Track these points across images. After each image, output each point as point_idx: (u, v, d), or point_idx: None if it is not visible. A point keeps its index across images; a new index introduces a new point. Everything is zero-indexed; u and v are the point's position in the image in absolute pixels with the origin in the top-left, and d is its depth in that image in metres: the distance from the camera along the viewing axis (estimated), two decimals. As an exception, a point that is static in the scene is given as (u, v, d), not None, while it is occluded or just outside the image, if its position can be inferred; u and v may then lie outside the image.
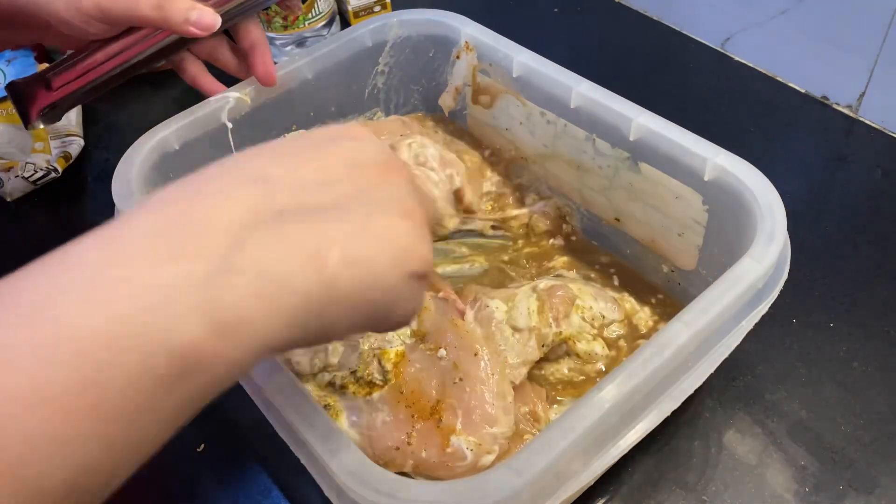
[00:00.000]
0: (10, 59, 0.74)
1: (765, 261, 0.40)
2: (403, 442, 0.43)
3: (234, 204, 0.27)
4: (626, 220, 0.55)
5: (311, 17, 0.80)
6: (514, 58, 0.56)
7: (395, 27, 0.62)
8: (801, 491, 0.46)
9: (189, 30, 0.50)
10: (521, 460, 0.33)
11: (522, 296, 0.50)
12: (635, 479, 0.47)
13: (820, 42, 0.70)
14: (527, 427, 0.47)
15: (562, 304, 0.50)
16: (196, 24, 0.50)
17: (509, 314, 0.49)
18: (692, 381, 0.40)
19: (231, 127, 0.56)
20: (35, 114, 0.53)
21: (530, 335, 0.49)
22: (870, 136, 0.69)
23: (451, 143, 0.63)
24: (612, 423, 0.37)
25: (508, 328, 0.49)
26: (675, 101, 0.73)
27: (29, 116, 0.53)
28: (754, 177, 0.45)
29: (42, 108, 0.52)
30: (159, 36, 0.52)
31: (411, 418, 0.44)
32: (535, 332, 0.49)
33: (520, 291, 0.51)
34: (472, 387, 0.45)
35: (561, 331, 0.49)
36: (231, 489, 0.48)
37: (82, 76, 0.52)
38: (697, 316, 0.38)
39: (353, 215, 0.29)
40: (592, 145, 0.53)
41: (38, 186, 0.71)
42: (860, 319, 0.54)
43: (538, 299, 0.50)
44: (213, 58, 0.57)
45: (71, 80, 0.52)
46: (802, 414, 0.49)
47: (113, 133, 0.77)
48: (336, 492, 0.36)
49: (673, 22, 0.83)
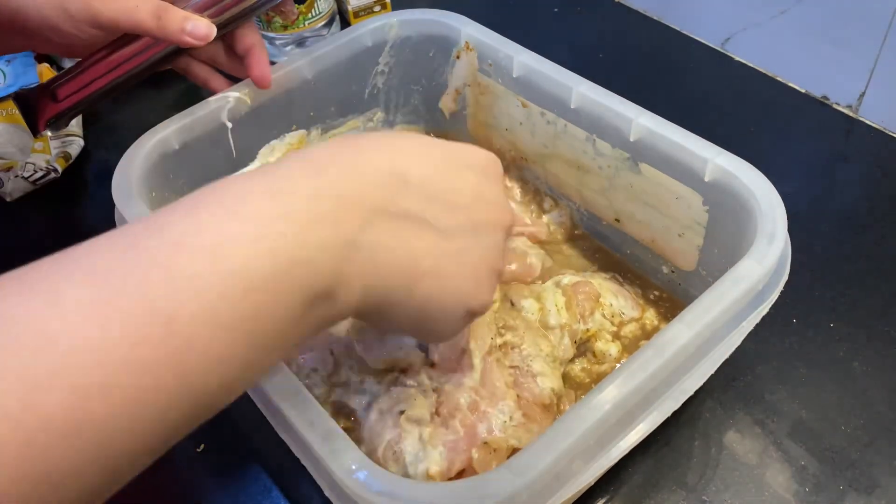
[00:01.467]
0: (9, 60, 0.74)
1: (765, 261, 0.40)
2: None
3: (376, 190, 0.31)
4: (626, 221, 0.55)
5: (311, 17, 0.80)
6: (515, 58, 0.56)
7: (395, 27, 0.61)
8: (801, 491, 0.46)
9: (185, 39, 0.50)
10: (521, 461, 0.33)
11: (548, 292, 0.50)
12: (635, 479, 0.47)
13: (820, 42, 0.70)
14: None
15: (587, 300, 0.50)
16: (192, 34, 0.50)
17: (541, 313, 0.49)
18: (693, 382, 0.40)
19: (231, 127, 0.56)
20: (42, 124, 0.54)
21: (563, 333, 0.49)
22: (870, 136, 0.69)
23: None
24: (613, 424, 0.37)
25: (542, 327, 0.48)
26: (675, 102, 0.73)
27: (37, 126, 0.54)
28: (754, 177, 0.45)
29: (48, 119, 0.54)
30: (161, 45, 0.53)
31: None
32: (566, 330, 0.49)
33: (544, 288, 0.51)
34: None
35: (588, 328, 0.49)
36: (231, 489, 0.48)
37: (87, 86, 0.53)
38: (698, 317, 0.38)
39: (456, 241, 0.34)
40: (593, 146, 0.53)
41: (38, 186, 0.71)
42: (860, 319, 0.54)
43: (564, 294, 0.50)
44: (214, 62, 0.57)
45: (76, 90, 0.53)
46: (802, 414, 0.49)
47: (113, 133, 0.77)
48: (336, 492, 0.36)
49: (673, 22, 0.83)
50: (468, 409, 0.44)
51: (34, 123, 0.54)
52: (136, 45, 0.52)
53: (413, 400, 0.44)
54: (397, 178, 0.32)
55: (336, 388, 0.49)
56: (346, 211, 0.30)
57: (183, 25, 0.50)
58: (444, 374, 0.46)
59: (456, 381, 0.45)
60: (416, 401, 0.44)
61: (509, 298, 0.51)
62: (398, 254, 0.32)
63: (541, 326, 0.49)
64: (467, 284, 0.35)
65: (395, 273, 0.32)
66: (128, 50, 0.52)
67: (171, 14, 0.50)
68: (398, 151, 0.34)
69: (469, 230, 0.34)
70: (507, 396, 0.44)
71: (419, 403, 0.44)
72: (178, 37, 0.50)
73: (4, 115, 0.72)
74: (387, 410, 0.44)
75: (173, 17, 0.50)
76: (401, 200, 0.32)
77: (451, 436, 0.43)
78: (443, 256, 0.33)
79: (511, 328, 0.47)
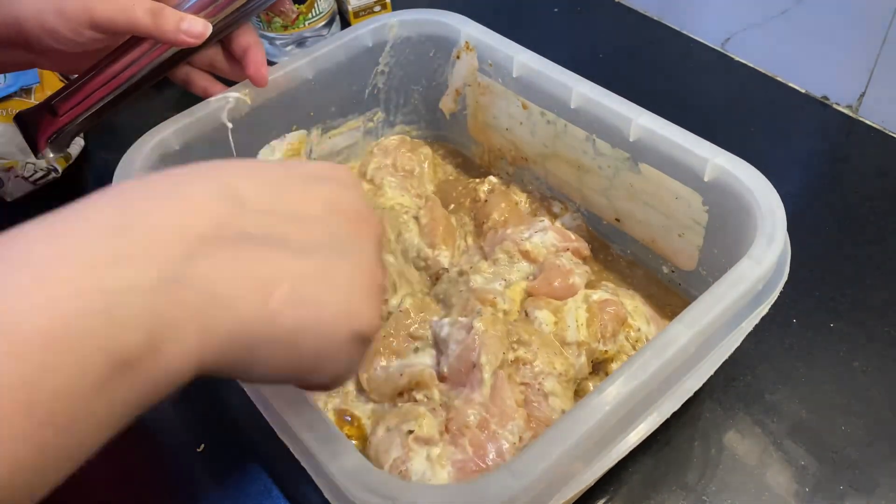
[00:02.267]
0: (9, 60, 0.74)
1: (765, 261, 0.40)
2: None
3: (199, 215, 0.26)
4: (626, 221, 0.55)
5: (311, 17, 0.80)
6: (515, 58, 0.56)
7: (396, 27, 0.62)
8: (801, 491, 0.46)
9: (181, 38, 0.50)
10: (521, 463, 0.33)
11: (571, 305, 0.49)
12: (635, 479, 0.47)
13: (820, 42, 0.70)
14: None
15: (611, 321, 0.48)
16: (187, 33, 0.50)
17: (557, 326, 0.48)
18: (693, 382, 0.40)
19: (231, 127, 0.56)
20: (43, 142, 0.53)
21: (580, 351, 0.47)
22: (870, 136, 0.69)
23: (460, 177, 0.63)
24: (613, 425, 0.37)
25: (556, 342, 0.47)
26: (674, 102, 0.73)
27: (37, 145, 0.53)
28: (754, 177, 0.45)
29: (49, 136, 0.53)
30: (157, 52, 0.52)
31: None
32: (584, 348, 0.47)
33: (569, 301, 0.49)
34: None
35: (608, 349, 0.47)
36: (231, 489, 0.48)
37: (86, 99, 0.53)
38: (698, 317, 0.38)
39: (315, 257, 0.29)
40: (592, 145, 0.53)
41: (38, 186, 0.71)
42: (860, 319, 0.54)
43: (588, 311, 0.48)
44: (213, 67, 0.57)
45: (75, 104, 0.53)
46: (802, 414, 0.49)
47: (113, 133, 0.77)
48: (335, 494, 0.36)
49: (673, 22, 0.83)
50: (478, 428, 0.43)
51: (34, 142, 0.53)
52: (134, 54, 0.52)
53: (422, 419, 0.43)
54: (230, 200, 0.28)
55: (334, 398, 0.49)
56: (160, 244, 0.25)
57: (178, 24, 0.50)
58: (453, 387, 0.46)
59: (465, 396, 0.44)
60: (424, 420, 0.43)
61: (525, 309, 0.50)
62: (243, 283, 0.27)
63: (556, 341, 0.47)
64: (342, 305, 0.30)
65: (244, 306, 0.26)
66: (125, 60, 0.52)
67: (167, 12, 0.50)
68: (228, 173, 0.29)
69: (330, 245, 0.30)
70: (517, 415, 0.44)
71: (428, 423, 0.43)
72: (174, 35, 0.50)
73: (4, 114, 0.72)
74: (394, 428, 0.44)
75: (169, 15, 0.50)
76: (237, 222, 0.27)
77: (460, 455, 0.42)
78: (303, 278, 0.28)
79: (525, 343, 0.46)
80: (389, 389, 0.47)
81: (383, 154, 0.65)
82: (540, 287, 0.50)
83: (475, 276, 0.52)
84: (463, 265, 0.55)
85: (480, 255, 0.56)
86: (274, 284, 0.27)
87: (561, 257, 0.53)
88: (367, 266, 0.31)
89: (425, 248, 0.56)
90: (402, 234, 0.57)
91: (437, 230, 0.57)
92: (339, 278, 0.30)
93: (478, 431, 0.43)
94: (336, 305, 0.29)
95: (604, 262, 0.58)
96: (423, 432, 0.42)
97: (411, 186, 0.62)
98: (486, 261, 0.55)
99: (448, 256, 0.56)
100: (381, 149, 0.66)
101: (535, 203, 0.61)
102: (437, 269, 0.56)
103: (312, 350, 0.29)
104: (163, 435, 0.52)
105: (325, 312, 0.29)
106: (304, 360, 0.29)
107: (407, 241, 0.57)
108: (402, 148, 0.65)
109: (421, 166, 0.65)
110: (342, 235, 0.31)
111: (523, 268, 0.53)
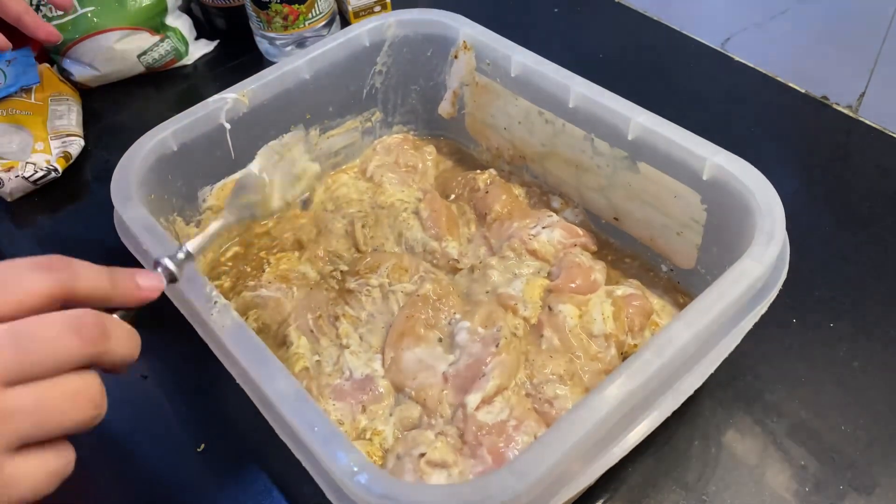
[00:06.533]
0: (10, 60, 0.74)
1: (764, 260, 0.40)
2: None
3: None
4: (624, 220, 0.55)
5: (311, 17, 0.80)
6: (513, 57, 0.56)
7: (393, 27, 0.61)
8: (801, 491, 0.46)
9: None
10: (522, 463, 0.33)
11: (596, 301, 0.49)
12: (635, 478, 0.46)
13: (820, 42, 0.70)
14: None
15: (637, 315, 0.48)
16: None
17: (582, 319, 0.48)
18: (692, 382, 0.40)
19: (229, 128, 0.56)
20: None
21: (608, 342, 0.47)
22: (870, 135, 0.68)
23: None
24: (613, 424, 0.37)
25: (584, 334, 0.48)
26: (674, 101, 0.73)
27: None
28: (753, 176, 0.45)
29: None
30: None
31: None
32: (613, 339, 0.47)
33: (593, 297, 0.49)
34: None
35: (636, 343, 0.48)
36: (231, 489, 0.48)
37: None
38: (697, 316, 0.38)
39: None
40: (591, 145, 0.53)
41: (38, 186, 0.71)
42: (860, 319, 0.54)
43: (613, 305, 0.49)
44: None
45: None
46: (802, 414, 0.49)
47: (113, 133, 0.77)
48: (336, 493, 0.36)
49: (673, 22, 0.83)
50: (495, 433, 0.43)
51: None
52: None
53: (434, 445, 0.43)
54: None
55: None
56: None
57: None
58: (458, 392, 0.46)
59: (473, 398, 0.45)
60: (437, 446, 0.43)
61: (548, 304, 0.50)
62: None
63: (583, 333, 0.48)
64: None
65: None
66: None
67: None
68: None
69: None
70: (529, 416, 0.44)
71: (441, 448, 0.42)
72: None
73: (4, 115, 0.72)
74: (404, 454, 0.43)
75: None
76: None
77: (480, 466, 0.42)
78: None
79: (535, 365, 0.47)
80: (399, 381, 0.48)
81: (385, 152, 0.65)
82: (563, 285, 0.51)
83: (491, 272, 0.52)
84: (472, 260, 0.55)
85: (485, 246, 0.56)
86: None
87: (578, 254, 0.53)
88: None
89: (431, 242, 0.56)
90: (403, 233, 0.57)
91: (440, 221, 0.57)
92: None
93: (496, 437, 0.43)
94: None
95: (603, 261, 0.57)
96: (436, 456, 0.42)
97: (413, 182, 0.62)
98: (494, 256, 0.55)
99: (456, 246, 0.56)
100: (384, 147, 0.66)
101: (534, 199, 0.61)
102: (447, 261, 0.56)
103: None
104: (163, 435, 0.52)
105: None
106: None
107: (410, 239, 0.57)
108: (405, 145, 0.65)
109: (425, 163, 0.65)
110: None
111: (532, 264, 0.53)
